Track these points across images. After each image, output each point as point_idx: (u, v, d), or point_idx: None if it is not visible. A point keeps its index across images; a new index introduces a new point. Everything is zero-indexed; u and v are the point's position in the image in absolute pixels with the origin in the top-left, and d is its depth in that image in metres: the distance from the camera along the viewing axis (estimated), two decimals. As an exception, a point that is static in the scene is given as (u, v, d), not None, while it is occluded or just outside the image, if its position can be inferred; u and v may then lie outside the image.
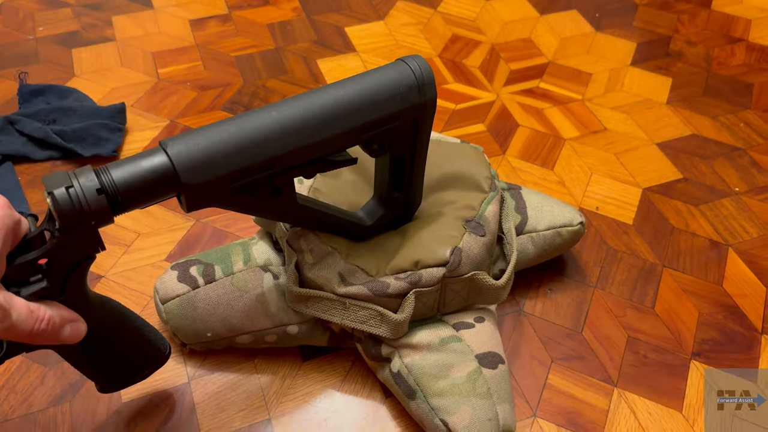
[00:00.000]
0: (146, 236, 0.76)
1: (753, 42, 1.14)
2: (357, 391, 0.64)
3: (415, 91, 0.51)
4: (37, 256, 0.41)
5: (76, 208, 0.40)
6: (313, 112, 0.48)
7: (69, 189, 0.40)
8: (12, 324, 0.39)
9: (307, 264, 0.59)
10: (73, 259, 0.43)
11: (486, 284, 0.61)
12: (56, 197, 0.39)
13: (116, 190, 0.42)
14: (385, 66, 0.52)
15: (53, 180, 0.40)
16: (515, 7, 1.19)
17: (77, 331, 0.45)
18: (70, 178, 0.40)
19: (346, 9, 1.15)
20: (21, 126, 0.84)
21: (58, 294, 0.44)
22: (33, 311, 0.41)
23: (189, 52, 1.03)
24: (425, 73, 0.52)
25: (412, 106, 0.52)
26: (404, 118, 0.52)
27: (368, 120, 0.50)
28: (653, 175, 0.88)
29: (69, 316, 0.44)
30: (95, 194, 0.40)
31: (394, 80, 0.51)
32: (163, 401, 0.62)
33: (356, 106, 0.50)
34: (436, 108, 0.54)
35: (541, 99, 0.99)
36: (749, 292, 0.75)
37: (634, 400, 0.65)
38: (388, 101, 0.51)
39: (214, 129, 0.46)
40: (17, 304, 0.39)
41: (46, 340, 0.42)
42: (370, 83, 0.50)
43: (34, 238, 0.42)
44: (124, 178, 0.42)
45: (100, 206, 0.41)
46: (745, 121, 0.98)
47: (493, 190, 0.66)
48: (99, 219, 0.41)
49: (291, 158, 0.49)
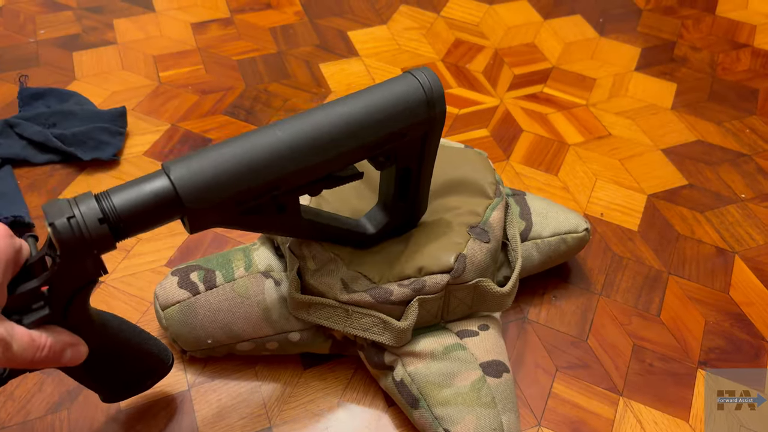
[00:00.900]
0: (146, 241, 0.75)
1: (758, 47, 1.13)
2: (359, 399, 0.63)
3: (423, 106, 0.50)
4: (39, 284, 0.41)
5: (78, 238, 0.39)
6: (320, 131, 0.47)
7: (71, 219, 0.39)
8: (13, 355, 0.39)
9: (309, 270, 0.58)
10: (74, 285, 0.42)
11: (490, 291, 0.60)
12: (58, 228, 0.39)
13: (118, 217, 0.41)
14: (392, 79, 0.50)
15: (54, 210, 0.39)
16: (519, 11, 1.18)
17: (78, 354, 0.44)
18: (71, 206, 0.40)
19: (349, 13, 1.14)
20: (21, 129, 0.83)
21: (61, 319, 0.43)
22: (34, 340, 0.40)
23: (190, 55, 1.02)
24: (434, 87, 0.50)
25: (420, 121, 0.50)
26: (412, 134, 0.51)
27: (376, 138, 0.49)
28: (658, 181, 0.88)
29: (70, 341, 0.44)
30: (97, 223, 0.40)
31: (402, 95, 0.49)
32: (163, 409, 0.61)
33: (363, 124, 0.48)
34: (445, 121, 0.52)
35: (545, 104, 0.99)
36: (756, 300, 0.74)
37: (640, 410, 0.64)
38: (396, 118, 0.49)
39: (217, 151, 0.45)
40: (18, 335, 0.39)
41: (47, 365, 0.42)
42: (377, 99, 0.49)
43: (35, 264, 0.41)
44: (126, 205, 0.41)
45: (102, 234, 0.40)
46: (751, 127, 0.97)
47: (497, 195, 0.65)
48: (101, 247, 0.40)
49: (297, 178, 0.47)
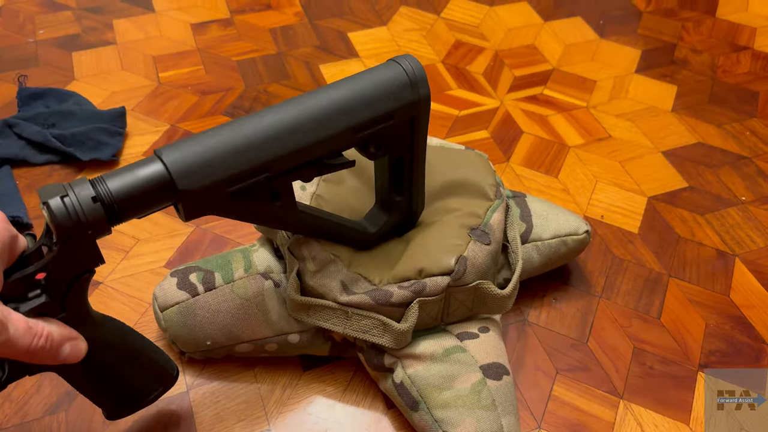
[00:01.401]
0: (145, 242, 0.75)
1: (758, 50, 1.13)
2: (358, 401, 0.63)
3: (408, 89, 0.52)
4: (35, 270, 0.41)
5: (72, 218, 0.39)
6: (307, 114, 0.48)
7: (64, 198, 0.39)
8: (9, 338, 0.38)
9: (308, 272, 0.58)
10: (71, 272, 0.42)
11: (491, 293, 0.60)
12: (51, 207, 0.39)
13: (112, 199, 0.41)
14: (377, 66, 0.53)
15: (48, 191, 0.40)
16: (519, 13, 1.18)
17: (77, 350, 0.44)
18: (66, 188, 0.40)
19: (349, 14, 1.14)
20: (20, 129, 0.83)
21: (59, 311, 0.43)
22: (31, 327, 0.40)
23: (190, 56, 1.02)
24: (417, 71, 0.52)
25: (406, 104, 0.52)
26: (399, 117, 0.52)
27: (362, 119, 0.50)
28: (659, 183, 0.87)
29: (69, 334, 0.43)
30: (91, 203, 0.40)
31: (387, 79, 0.51)
32: (161, 410, 0.61)
33: (350, 106, 0.50)
34: (430, 106, 0.54)
35: (546, 106, 0.98)
36: (756, 302, 0.74)
37: (640, 413, 0.64)
38: (382, 100, 0.51)
39: (208, 134, 0.46)
40: (15, 319, 0.39)
41: (44, 358, 0.41)
42: (363, 83, 0.51)
43: (32, 254, 0.42)
44: (120, 187, 0.42)
45: (96, 215, 0.40)
46: (751, 129, 0.97)
47: (498, 197, 0.65)
48: (96, 229, 0.40)
49: (287, 161, 0.48)
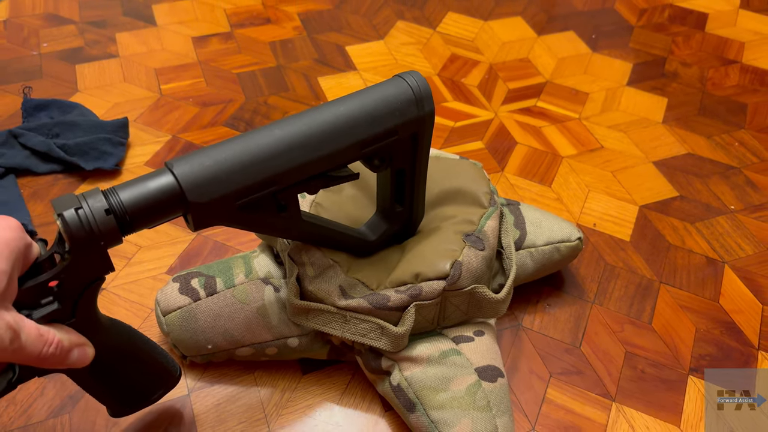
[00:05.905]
0: (147, 249, 0.76)
1: (747, 64, 1.16)
2: (356, 404, 0.64)
3: (413, 106, 0.53)
4: (48, 278, 0.42)
5: (86, 229, 0.40)
6: (315, 129, 0.49)
7: (78, 210, 0.40)
8: (21, 346, 0.39)
9: (308, 277, 0.59)
10: (83, 280, 0.43)
11: (486, 298, 0.61)
12: (66, 219, 0.40)
13: (124, 211, 0.42)
14: (383, 82, 0.53)
15: (62, 202, 0.41)
16: (513, 27, 1.21)
17: (84, 356, 0.45)
18: (79, 200, 0.41)
19: (347, 28, 1.16)
20: (24, 139, 0.84)
21: (69, 316, 0.44)
22: (42, 334, 0.41)
23: (191, 68, 1.04)
24: (422, 88, 0.53)
25: (410, 120, 0.53)
26: (403, 132, 0.53)
27: (369, 135, 0.51)
28: (650, 192, 0.89)
29: (77, 341, 0.44)
30: (104, 215, 0.41)
31: (392, 95, 0.52)
32: (163, 413, 0.62)
33: (357, 121, 0.51)
34: (434, 121, 0.55)
35: (539, 117, 1.01)
36: (745, 308, 0.76)
37: (632, 415, 0.65)
38: (388, 116, 0.52)
39: (218, 148, 0.47)
40: (27, 326, 0.40)
41: (53, 363, 0.43)
42: (369, 99, 0.52)
43: (45, 262, 0.42)
44: (132, 199, 0.43)
45: (109, 227, 0.41)
46: (740, 140, 0.99)
47: (492, 205, 0.67)
48: (108, 239, 0.42)
49: (294, 175, 0.49)
